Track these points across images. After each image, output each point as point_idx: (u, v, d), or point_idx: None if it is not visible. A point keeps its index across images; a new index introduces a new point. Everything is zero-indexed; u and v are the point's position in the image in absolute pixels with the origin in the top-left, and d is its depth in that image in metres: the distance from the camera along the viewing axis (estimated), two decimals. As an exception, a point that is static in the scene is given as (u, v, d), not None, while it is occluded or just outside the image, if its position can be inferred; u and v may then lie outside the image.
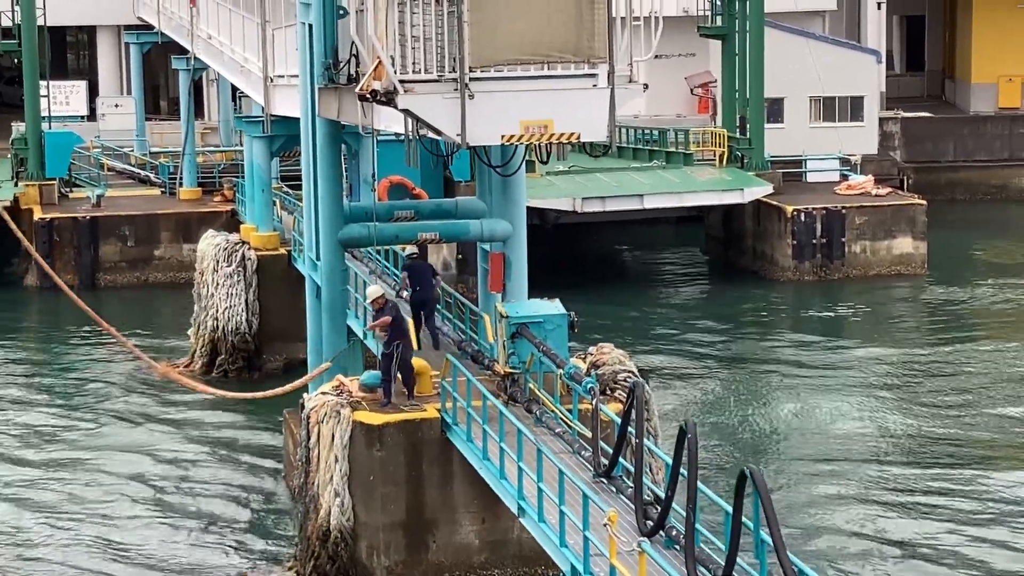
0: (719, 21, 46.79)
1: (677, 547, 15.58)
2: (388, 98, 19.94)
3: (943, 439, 28.83)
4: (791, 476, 27.53)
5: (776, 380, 34.36)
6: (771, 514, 13.02)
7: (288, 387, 26.13)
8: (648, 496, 16.96)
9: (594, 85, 20.72)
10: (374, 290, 23.66)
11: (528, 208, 26.25)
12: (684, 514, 14.99)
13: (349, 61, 23.16)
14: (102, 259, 42.95)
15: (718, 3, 46.66)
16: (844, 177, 46.68)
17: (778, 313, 41.65)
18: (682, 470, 15.23)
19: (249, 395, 28.15)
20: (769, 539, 13.21)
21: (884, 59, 54.70)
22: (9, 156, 45.97)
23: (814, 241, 43.07)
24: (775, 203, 43.97)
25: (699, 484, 14.78)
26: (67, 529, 25.05)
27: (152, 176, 49.05)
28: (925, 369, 35.05)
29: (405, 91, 19.81)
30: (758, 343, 38.30)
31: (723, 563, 14.30)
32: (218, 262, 34.55)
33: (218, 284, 34.42)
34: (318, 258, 26.53)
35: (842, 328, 39.60)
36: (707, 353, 36.93)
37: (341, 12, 23.92)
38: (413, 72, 20.08)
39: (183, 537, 25.31)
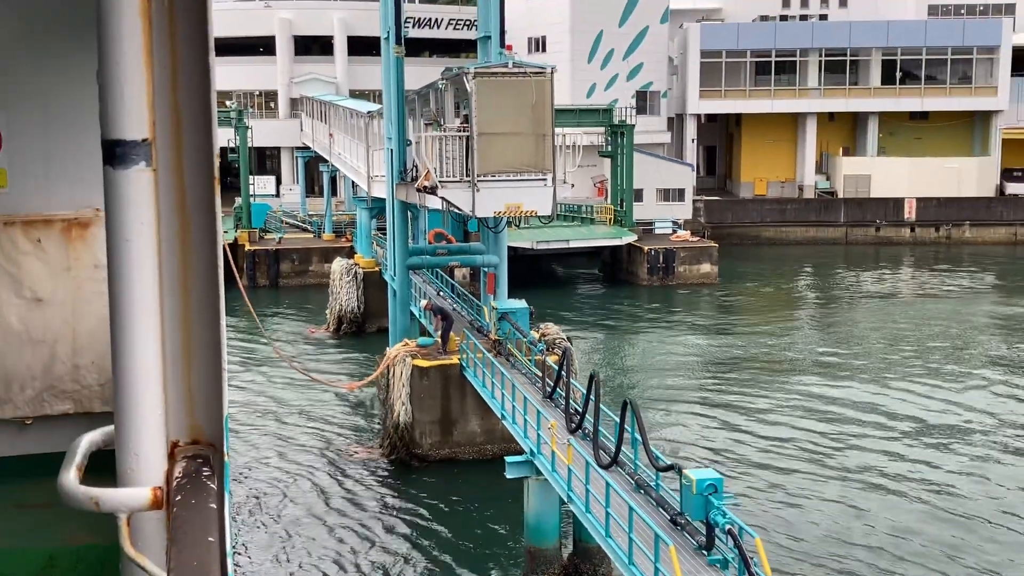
0: (609, 148, 62.74)
1: (588, 440, 21.89)
2: (433, 191, 27.45)
3: (725, 360, 40.95)
4: (648, 388, 37.05)
5: (640, 339, 47.45)
6: (641, 424, 19.70)
7: (366, 381, 33.82)
8: (573, 410, 23.72)
9: (545, 184, 27.52)
10: (425, 302, 33.00)
11: (508, 247, 34.61)
12: (593, 421, 21.59)
13: (412, 169, 30.83)
14: (282, 271, 58.44)
15: (609, 139, 62.39)
16: (674, 231, 62.87)
17: (640, 304, 54.70)
18: (591, 397, 21.80)
19: (356, 384, 35.53)
20: (639, 437, 19.87)
21: (695, 169, 73.78)
22: (232, 216, 61.89)
23: (658, 265, 58.29)
24: (638, 245, 59.56)
25: (600, 405, 21.49)
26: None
27: (308, 227, 65.67)
28: (717, 327, 49.59)
29: (442, 187, 27.28)
30: (630, 320, 51.09)
31: (614, 449, 20.69)
32: (342, 274, 47.18)
33: (342, 286, 46.94)
34: (395, 274, 34.91)
35: (673, 310, 53.20)
36: (602, 326, 49.75)
37: (408, 142, 31.73)
38: (446, 176, 27.49)
39: (321, 417, 34.33)
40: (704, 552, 17.07)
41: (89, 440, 3.20)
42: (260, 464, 30.27)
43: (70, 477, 2.97)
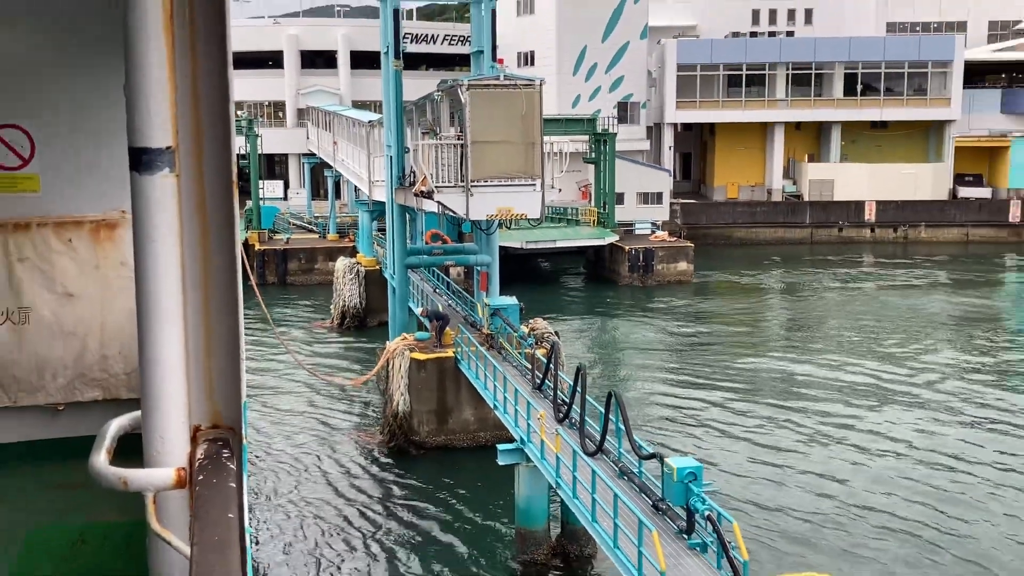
0: (593, 155, 62.09)
1: (575, 429, 21.62)
2: (429, 195, 27.15)
3: (700, 349, 38.25)
4: (628, 376, 37.60)
5: (621, 330, 47.44)
6: (624, 415, 19.39)
7: (368, 376, 32.81)
8: (560, 400, 23.50)
9: (534, 189, 27.28)
10: (420, 310, 32.47)
11: (499, 246, 34.11)
12: (579, 411, 21.36)
13: (410, 174, 30.45)
14: (289, 269, 57.87)
15: (592, 146, 61.69)
16: (653, 232, 62.25)
17: (622, 299, 54.25)
18: (577, 388, 21.63)
19: (361, 380, 33.90)
20: (623, 427, 19.58)
21: (672, 174, 72.90)
22: (243, 218, 61.26)
23: (639, 263, 57.64)
24: (620, 244, 58.99)
25: (587, 397, 21.34)
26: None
27: (314, 228, 64.88)
28: (692, 320, 49.16)
29: (438, 191, 26.93)
30: (610, 315, 50.61)
31: (599, 438, 20.35)
32: (345, 273, 46.75)
33: (345, 283, 46.44)
34: (394, 272, 34.58)
35: (652, 305, 52.58)
36: (587, 319, 49.38)
37: (406, 150, 31.43)
38: (442, 182, 27.13)
39: (325, 406, 33.99)
40: (684, 536, 16.81)
41: (117, 425, 3.22)
42: (269, 449, 29.94)
43: (100, 459, 2.99)
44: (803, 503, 25.24)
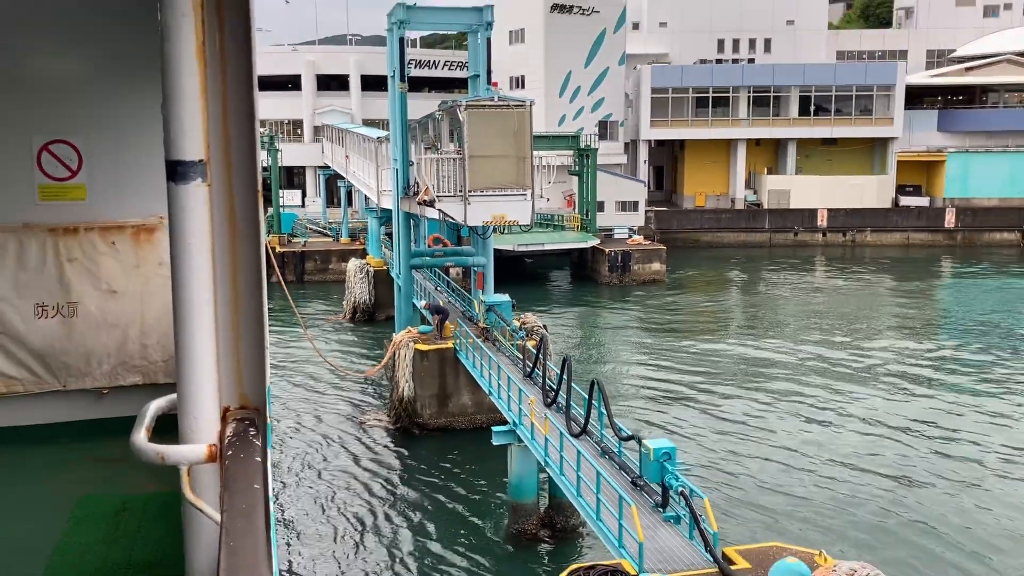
0: (577, 168, 60.96)
1: (562, 412, 21.49)
2: (431, 204, 26.86)
3: (672, 340, 38.04)
4: (608, 362, 36.30)
5: (602, 322, 47.14)
6: (606, 400, 19.33)
7: (380, 366, 32.04)
8: (548, 387, 23.33)
9: (525, 198, 26.99)
10: (423, 303, 31.97)
11: (494, 249, 33.56)
12: (566, 397, 21.30)
13: (414, 185, 30.22)
14: (306, 269, 57.22)
15: (576, 160, 60.59)
16: (630, 236, 61.70)
17: (601, 297, 53.71)
18: (564, 376, 21.58)
19: (374, 371, 33.24)
20: (605, 411, 19.43)
21: (646, 184, 71.79)
22: (265, 223, 62.04)
23: (617, 264, 56.89)
24: (600, 247, 58.31)
25: (572, 384, 21.22)
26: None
27: (328, 232, 64.02)
28: (664, 309, 48.53)
29: (439, 200, 26.73)
30: (592, 309, 50.35)
31: (583, 421, 20.36)
32: (356, 272, 46.03)
33: (356, 282, 45.78)
34: (399, 272, 34.17)
35: (629, 300, 52.18)
36: (571, 315, 48.72)
37: (411, 163, 31.09)
38: (443, 192, 26.83)
39: (337, 391, 33.25)
40: (660, 510, 16.61)
41: (156, 406, 3.21)
42: (286, 429, 29.61)
43: (140, 436, 2.96)
44: (762, 469, 25.20)
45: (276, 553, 2.82)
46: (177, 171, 2.85)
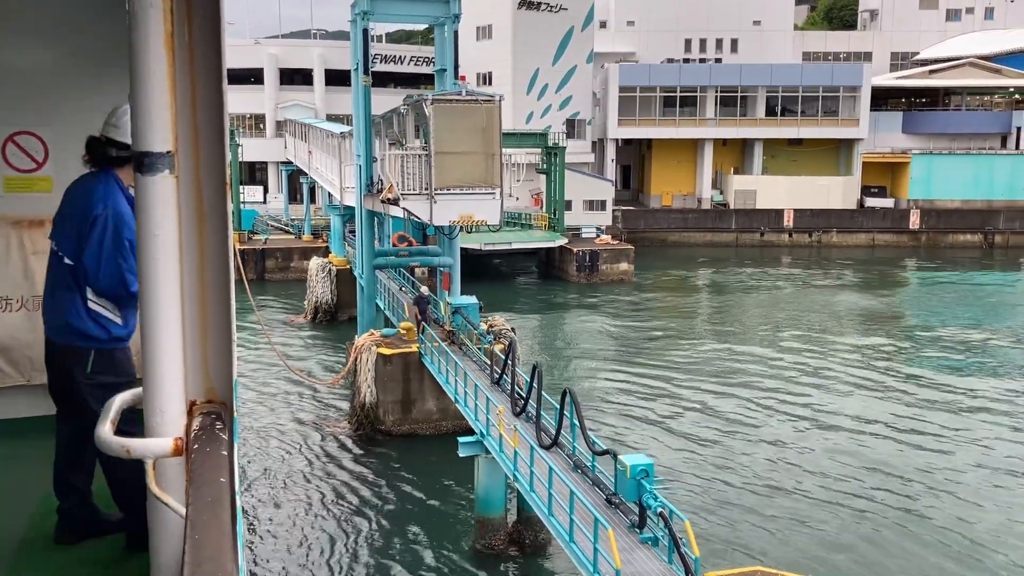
0: (545, 166, 59.85)
1: (532, 422, 20.35)
2: (395, 202, 25.90)
3: (640, 339, 38.31)
4: (579, 363, 35.14)
5: (570, 323, 46.00)
6: (579, 411, 18.04)
7: (344, 373, 30.12)
8: (517, 395, 22.17)
9: (493, 198, 26.06)
10: (408, 298, 30.77)
11: (460, 247, 32.16)
12: (536, 406, 20.26)
13: (378, 182, 28.90)
14: (267, 267, 55.32)
15: (544, 158, 59.50)
16: (598, 235, 60.80)
17: (569, 297, 52.73)
18: (534, 384, 20.45)
19: (337, 379, 31.16)
20: (577, 423, 18.13)
21: (614, 183, 71.57)
22: None
23: (585, 263, 55.99)
24: (568, 247, 57.31)
25: (543, 392, 20.19)
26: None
27: (290, 229, 62.03)
28: (630, 307, 48.86)
29: (404, 199, 25.87)
30: (561, 310, 49.33)
31: (554, 432, 19.30)
32: (318, 271, 44.43)
33: (318, 281, 44.21)
34: (363, 272, 32.78)
35: (597, 300, 51.26)
36: (539, 316, 47.56)
37: (374, 159, 29.74)
38: (408, 190, 25.83)
39: (294, 400, 31.56)
40: (637, 530, 15.54)
41: (121, 400, 3.13)
42: (241, 435, 28.13)
43: (105, 429, 2.91)
44: (738, 478, 24.44)
45: (242, 547, 2.66)
46: (144, 162, 2.76)
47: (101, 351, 4.47)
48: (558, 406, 19.14)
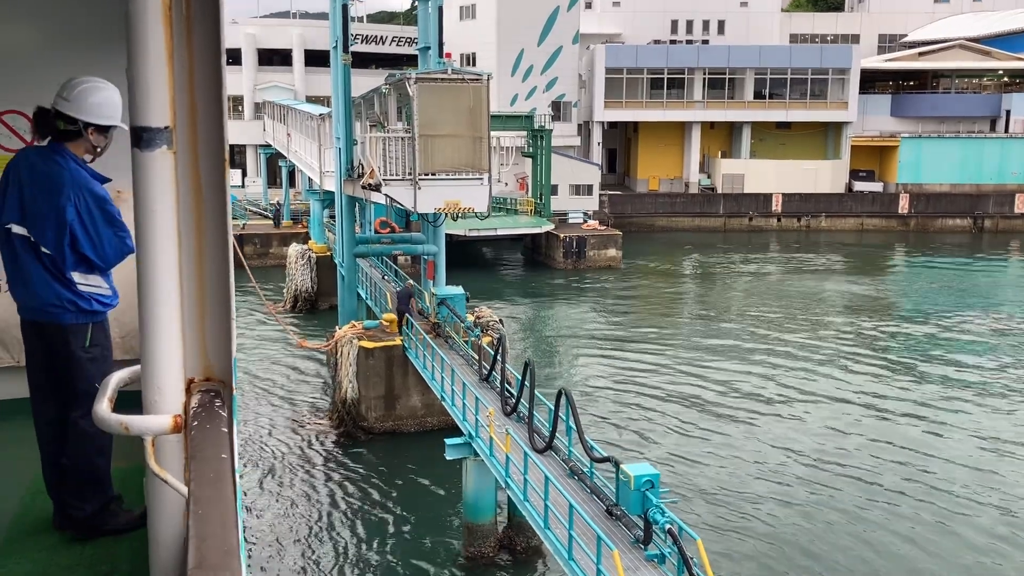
0: (531, 150, 58.13)
1: (523, 423, 19.33)
2: (377, 188, 24.54)
3: (628, 325, 35.62)
4: (571, 359, 33.75)
5: (557, 310, 44.55)
6: (575, 413, 16.72)
7: (322, 346, 29.59)
8: (508, 393, 20.99)
9: (481, 183, 24.61)
10: (391, 287, 29.21)
11: (446, 234, 30.80)
12: (528, 407, 18.81)
13: (359, 166, 27.47)
14: (245, 253, 51.68)
15: (530, 141, 57.82)
16: (585, 221, 59.42)
17: (555, 282, 51.34)
18: (525, 383, 19.09)
19: (309, 345, 30.14)
20: (575, 427, 16.76)
21: (600, 167, 69.77)
22: None
23: (572, 250, 54.68)
24: (555, 232, 55.77)
25: (536, 392, 18.73)
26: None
27: (268, 214, 59.69)
28: (618, 294, 47.63)
29: (386, 184, 24.64)
30: (548, 297, 47.77)
31: (548, 434, 18.03)
32: (297, 258, 42.68)
33: (298, 268, 42.52)
34: (343, 260, 31.37)
35: (585, 287, 49.95)
36: (526, 305, 45.76)
37: (355, 142, 28.36)
38: (390, 175, 24.27)
39: (273, 394, 30.04)
40: (641, 546, 14.27)
41: (118, 377, 3.07)
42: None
43: (103, 407, 2.88)
44: (734, 477, 23.25)
45: (243, 525, 2.60)
46: (142, 137, 2.70)
47: (97, 323, 4.45)
48: (553, 409, 17.81)
